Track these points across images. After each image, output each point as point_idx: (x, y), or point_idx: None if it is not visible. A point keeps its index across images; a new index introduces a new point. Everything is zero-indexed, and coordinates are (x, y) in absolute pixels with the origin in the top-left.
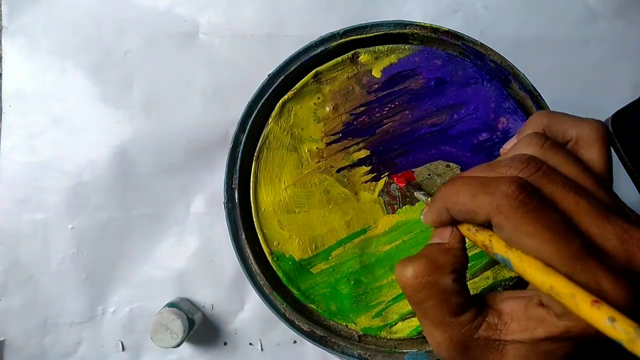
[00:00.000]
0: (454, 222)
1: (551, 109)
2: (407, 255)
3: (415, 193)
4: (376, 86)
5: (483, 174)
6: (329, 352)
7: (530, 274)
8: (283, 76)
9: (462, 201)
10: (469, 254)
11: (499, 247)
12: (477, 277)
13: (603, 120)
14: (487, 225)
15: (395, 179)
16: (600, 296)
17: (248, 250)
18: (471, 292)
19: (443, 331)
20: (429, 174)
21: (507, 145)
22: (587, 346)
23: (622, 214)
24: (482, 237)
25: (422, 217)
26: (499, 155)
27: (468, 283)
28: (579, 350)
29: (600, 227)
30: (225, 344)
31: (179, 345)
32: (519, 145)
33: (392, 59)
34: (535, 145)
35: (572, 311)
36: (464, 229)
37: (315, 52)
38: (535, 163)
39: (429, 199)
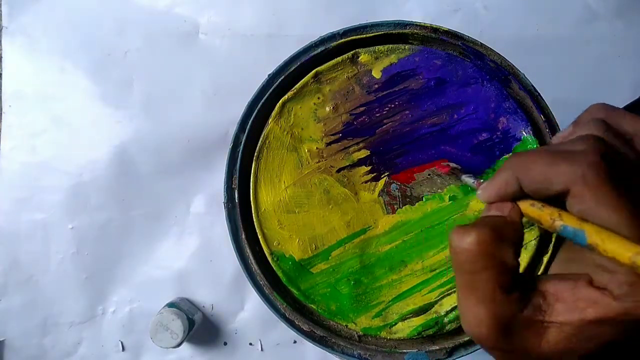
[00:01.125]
0: (515, 198)
1: (551, 109)
2: (406, 254)
3: (462, 177)
4: (376, 86)
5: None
6: (329, 352)
7: (609, 246)
8: (283, 76)
9: (538, 169)
10: None
11: (570, 220)
12: None
13: None
14: (549, 202)
15: (437, 166)
16: None
17: (248, 250)
18: None
19: (488, 307)
20: (429, 174)
21: (561, 134)
22: (636, 332)
23: None
24: (549, 210)
25: (479, 191)
26: (499, 155)
27: None
28: (626, 336)
29: None
30: (225, 344)
31: (179, 345)
32: (580, 128)
33: (392, 59)
34: (599, 130)
35: None
36: (526, 204)
37: (315, 52)
38: (605, 143)
39: (480, 180)
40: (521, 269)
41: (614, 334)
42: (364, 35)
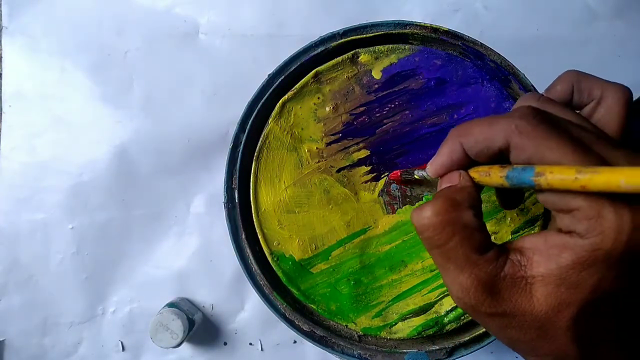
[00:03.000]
0: (461, 167)
1: None
2: (406, 254)
3: (415, 172)
4: (376, 86)
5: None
6: (329, 352)
7: (554, 177)
8: (283, 76)
9: (478, 130)
10: None
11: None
12: None
13: None
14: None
15: (391, 177)
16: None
17: (248, 250)
18: None
19: (469, 272)
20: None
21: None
22: (619, 272)
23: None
24: (495, 169)
25: (428, 167)
26: None
27: None
28: (610, 279)
29: (609, 151)
30: (225, 344)
31: (179, 345)
32: (517, 103)
33: (392, 59)
34: (531, 100)
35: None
36: (473, 172)
37: (315, 52)
38: (535, 109)
39: (423, 171)
40: None
41: (599, 276)
42: (364, 35)
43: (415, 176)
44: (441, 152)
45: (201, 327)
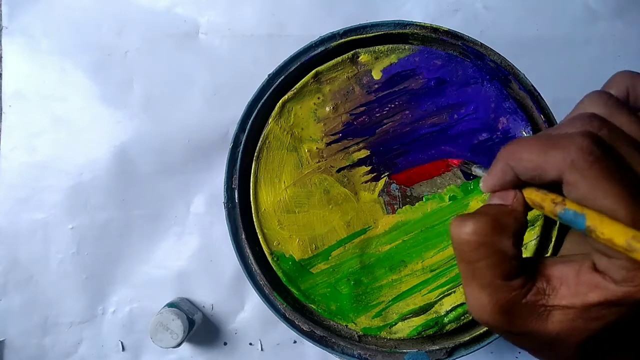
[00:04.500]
0: (516, 186)
1: (551, 109)
2: (406, 254)
3: (472, 168)
4: (376, 86)
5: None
6: (329, 352)
7: (605, 230)
8: (283, 76)
9: (529, 157)
10: None
11: (572, 205)
12: None
13: None
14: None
15: (450, 161)
16: None
17: (248, 250)
18: None
19: (490, 293)
20: (429, 174)
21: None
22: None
23: None
24: (552, 195)
25: (481, 184)
26: None
27: None
28: (632, 315)
29: None
30: (225, 344)
31: (179, 345)
32: (581, 104)
33: (392, 59)
34: (598, 103)
35: None
36: (531, 190)
37: (315, 52)
38: (598, 120)
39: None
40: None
41: (619, 314)
42: (364, 35)
43: (473, 171)
44: (493, 172)
45: (201, 327)
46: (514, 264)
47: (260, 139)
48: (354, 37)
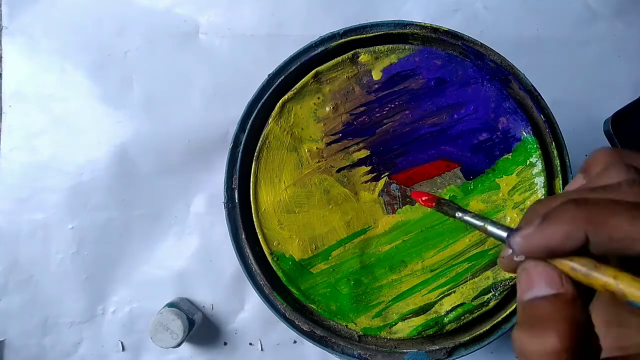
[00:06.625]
0: (555, 255)
1: (551, 109)
2: (406, 254)
3: (488, 228)
4: (376, 86)
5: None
6: (329, 352)
7: None
8: (283, 76)
9: (618, 225)
10: (474, 252)
11: (628, 281)
12: (477, 277)
13: (603, 120)
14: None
15: (417, 199)
16: None
17: (248, 250)
18: (471, 293)
19: None
20: (429, 174)
21: (572, 186)
22: None
23: None
24: (603, 274)
25: (518, 239)
26: (498, 155)
27: (467, 283)
28: None
29: None
30: (225, 344)
31: (179, 345)
32: (608, 173)
33: (392, 59)
34: (631, 173)
35: None
36: (567, 266)
37: (315, 52)
38: None
39: (486, 225)
40: None
41: None
42: (364, 35)
43: (488, 232)
44: (549, 231)
45: (201, 327)
46: None
47: (260, 139)
48: (354, 37)
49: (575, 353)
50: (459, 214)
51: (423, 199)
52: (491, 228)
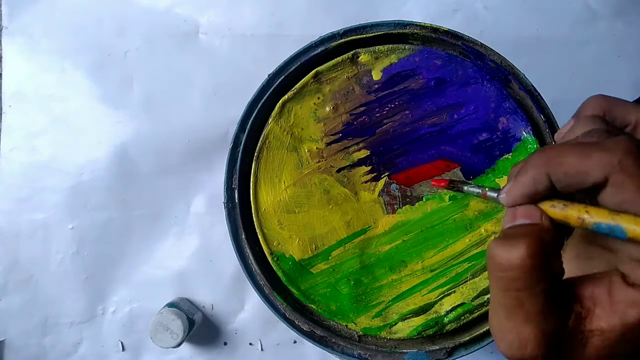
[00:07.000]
0: (536, 200)
1: (551, 109)
2: (406, 254)
3: (465, 188)
4: (376, 86)
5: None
6: (329, 352)
7: None
8: (283, 76)
9: (571, 162)
10: (474, 252)
11: (602, 215)
12: (477, 277)
13: None
14: (567, 198)
15: (434, 182)
16: None
17: (248, 250)
18: (471, 293)
19: (536, 325)
20: (429, 174)
21: (564, 129)
22: None
23: None
24: (575, 208)
25: (503, 195)
26: (499, 155)
27: (467, 283)
28: None
29: None
30: (225, 344)
31: (179, 345)
32: (579, 126)
33: (392, 59)
34: (596, 123)
35: None
36: (546, 206)
37: (315, 52)
38: None
39: (485, 188)
40: None
41: None
42: (364, 35)
43: (465, 191)
44: (521, 181)
45: (201, 327)
46: (561, 286)
47: (260, 139)
48: (354, 37)
49: (538, 265)
50: (465, 188)
51: (442, 184)
52: (490, 193)
